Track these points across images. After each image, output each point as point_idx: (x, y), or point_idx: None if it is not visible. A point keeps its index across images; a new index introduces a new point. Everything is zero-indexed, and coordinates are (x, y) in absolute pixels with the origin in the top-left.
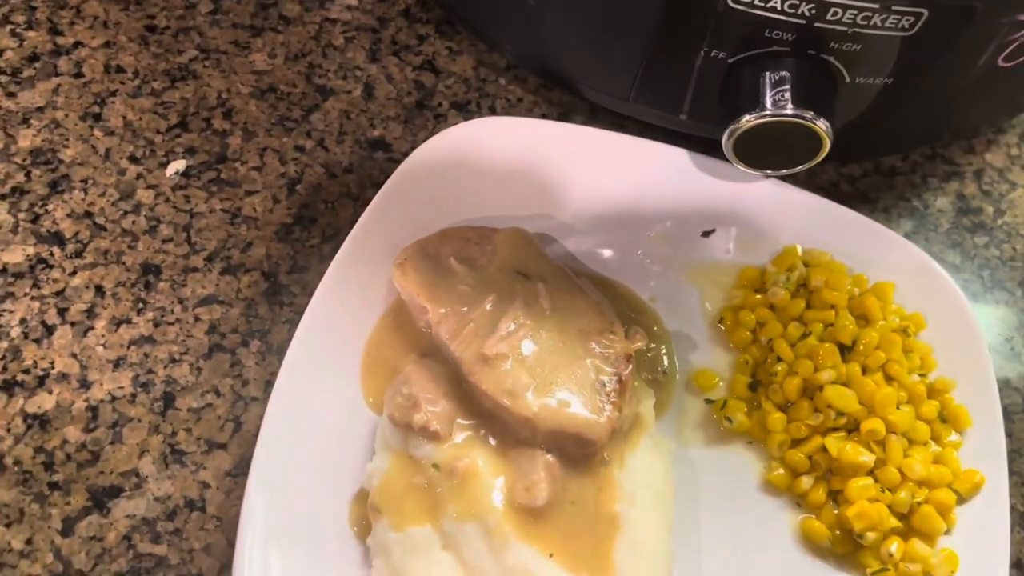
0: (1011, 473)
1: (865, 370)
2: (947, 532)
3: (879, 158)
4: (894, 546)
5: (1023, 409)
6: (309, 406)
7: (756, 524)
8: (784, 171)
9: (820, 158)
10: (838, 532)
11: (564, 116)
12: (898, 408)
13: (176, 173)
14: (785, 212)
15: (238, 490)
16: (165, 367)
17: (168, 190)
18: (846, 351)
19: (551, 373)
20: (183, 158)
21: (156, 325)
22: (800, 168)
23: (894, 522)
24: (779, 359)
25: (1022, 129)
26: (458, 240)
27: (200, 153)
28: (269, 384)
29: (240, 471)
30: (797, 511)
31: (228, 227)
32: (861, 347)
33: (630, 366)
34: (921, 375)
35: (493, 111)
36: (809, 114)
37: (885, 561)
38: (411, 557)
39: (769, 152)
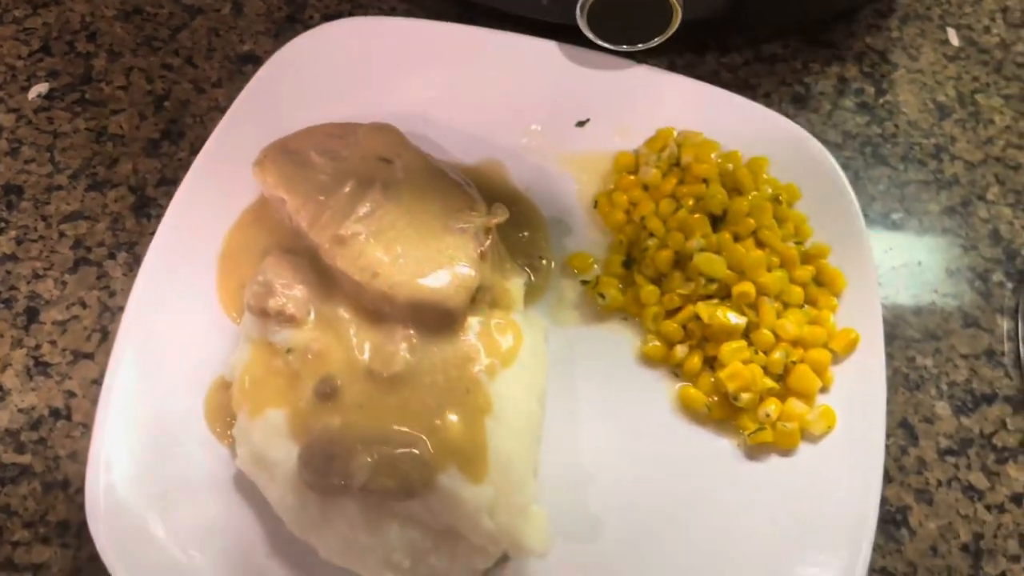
0: (894, 337)
1: (737, 238)
2: (824, 391)
3: (759, 45)
4: (772, 407)
5: (903, 275)
6: (169, 308)
7: (634, 395)
8: (641, 45)
9: (673, 27)
10: (715, 398)
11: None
12: (769, 272)
13: (38, 96)
14: (660, 98)
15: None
16: (28, 283)
17: (30, 112)
18: (718, 222)
19: (409, 249)
20: (45, 81)
21: (19, 243)
22: (656, 40)
23: (769, 383)
24: (651, 235)
25: (903, 12)
26: (321, 136)
27: (63, 76)
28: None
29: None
30: (675, 381)
31: (93, 145)
32: (731, 216)
33: (489, 239)
34: (798, 243)
35: None
36: None
37: (762, 421)
38: (270, 440)
39: (624, 25)
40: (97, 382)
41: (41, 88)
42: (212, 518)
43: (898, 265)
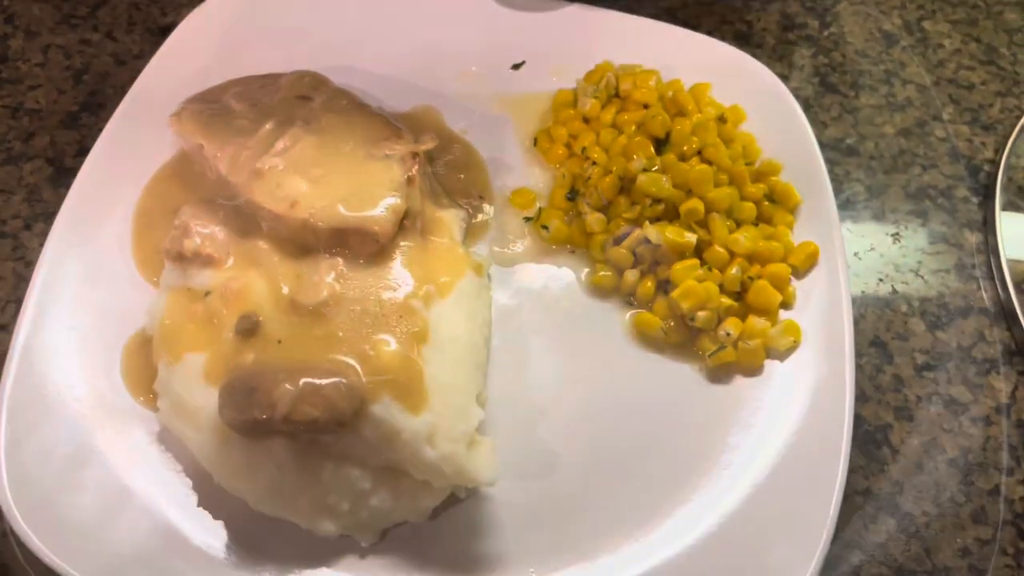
0: (859, 260)
1: (682, 158)
2: (786, 306)
3: None
4: (731, 326)
5: (864, 195)
6: (82, 270)
7: (586, 327)
8: None
9: None
10: (671, 322)
11: None
12: (717, 188)
13: None
14: (595, 35)
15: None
16: None
17: None
18: (662, 146)
19: (330, 177)
20: None
21: None
22: None
23: (727, 301)
24: (594, 163)
25: None
26: (242, 86)
27: None
28: None
29: None
30: (628, 309)
31: (9, 121)
32: (675, 137)
33: (416, 164)
34: (748, 164)
35: None
36: None
37: (722, 341)
38: (190, 386)
39: None
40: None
41: None
42: (130, 485)
43: (857, 189)
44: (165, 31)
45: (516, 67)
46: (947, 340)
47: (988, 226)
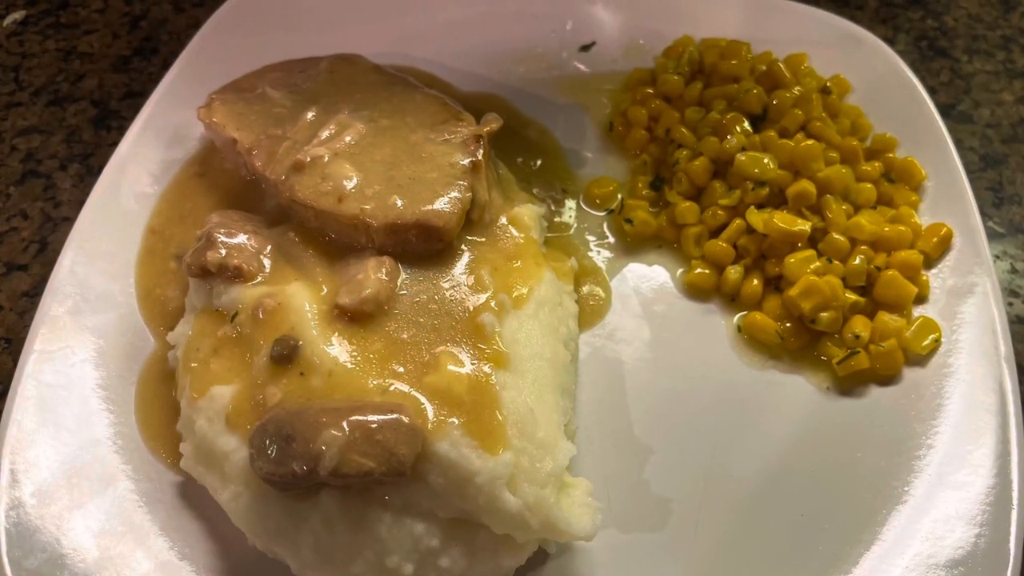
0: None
1: (784, 134)
2: (921, 300)
3: None
4: (860, 327)
5: (978, 166)
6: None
7: (686, 334)
8: None
9: None
10: (787, 324)
11: None
12: (828, 167)
13: (14, 23)
14: (674, 9)
15: (32, 311)
16: None
17: (2, 38)
18: (758, 122)
19: (383, 167)
20: (23, 9)
21: None
22: None
23: (852, 296)
24: (680, 146)
25: None
26: (279, 72)
27: (41, 3)
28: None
29: (38, 291)
30: (731, 311)
31: (60, 63)
32: (774, 112)
33: (481, 148)
34: (860, 140)
35: None
36: None
37: (852, 345)
38: (218, 425)
39: None
40: (27, 295)
41: (17, 15)
42: (149, 550)
43: (971, 159)
44: None
45: (585, 48)
46: None
47: None
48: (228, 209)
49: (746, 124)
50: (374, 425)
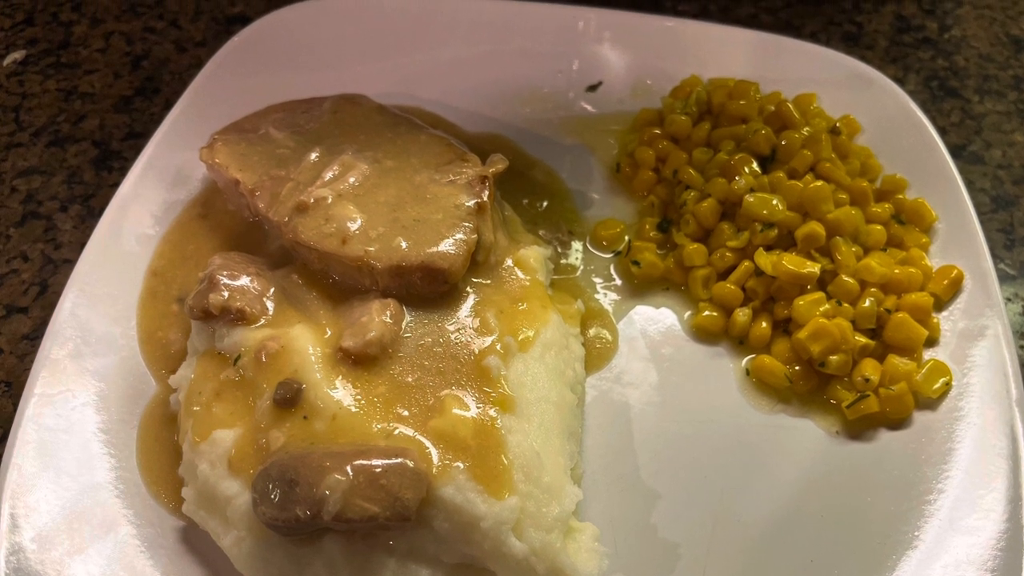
0: (1010, 279)
1: (793, 176)
2: (931, 343)
3: None
4: (870, 370)
5: (989, 207)
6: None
7: (691, 378)
8: None
9: None
10: (796, 367)
11: None
12: (837, 208)
13: (14, 62)
14: (682, 48)
15: (33, 354)
16: None
17: (3, 78)
18: (766, 163)
19: (388, 209)
20: (24, 49)
21: None
22: None
23: (862, 339)
24: (688, 188)
25: None
26: (281, 112)
27: (42, 42)
28: (83, 247)
29: (38, 334)
30: (741, 354)
31: (61, 104)
32: (783, 153)
33: (486, 190)
34: (869, 181)
35: None
36: None
37: (862, 388)
38: (220, 470)
39: None
40: (27, 337)
41: (18, 55)
42: None
43: (982, 200)
44: (232, 21)
45: (592, 88)
46: None
47: None
48: (231, 251)
49: (754, 165)
50: (378, 469)
